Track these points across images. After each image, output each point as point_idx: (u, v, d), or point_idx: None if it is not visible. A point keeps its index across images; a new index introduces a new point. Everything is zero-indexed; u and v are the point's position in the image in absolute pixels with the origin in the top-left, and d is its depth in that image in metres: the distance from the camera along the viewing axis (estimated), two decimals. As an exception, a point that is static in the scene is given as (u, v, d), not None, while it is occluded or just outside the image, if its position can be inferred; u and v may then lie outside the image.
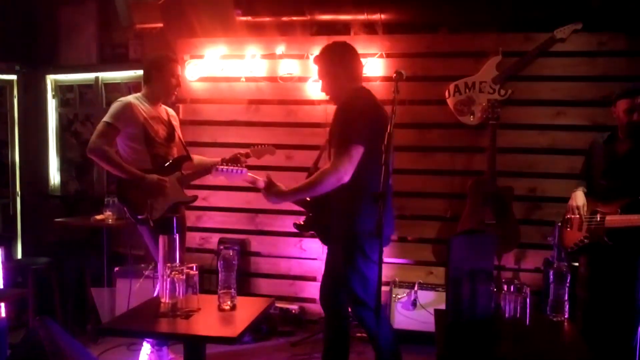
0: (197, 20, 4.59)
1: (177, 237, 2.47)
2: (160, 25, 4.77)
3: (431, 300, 4.06)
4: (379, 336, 2.86)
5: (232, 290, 2.40)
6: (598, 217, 3.13)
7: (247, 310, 2.39)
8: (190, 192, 3.67)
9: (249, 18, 4.57)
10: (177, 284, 2.30)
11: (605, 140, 3.32)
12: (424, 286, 4.15)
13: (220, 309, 2.37)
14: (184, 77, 4.46)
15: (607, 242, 3.08)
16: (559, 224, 3.43)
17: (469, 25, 4.46)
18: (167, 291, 2.35)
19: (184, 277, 2.31)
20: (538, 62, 4.27)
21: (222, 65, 4.69)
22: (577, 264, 3.42)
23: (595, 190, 3.25)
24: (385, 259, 4.44)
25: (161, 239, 2.46)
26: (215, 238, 4.71)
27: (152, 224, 3.26)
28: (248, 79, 4.68)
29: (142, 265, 4.20)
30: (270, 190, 2.84)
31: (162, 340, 3.30)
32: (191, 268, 2.35)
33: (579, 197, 3.25)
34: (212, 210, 4.76)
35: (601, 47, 4.18)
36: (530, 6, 4.23)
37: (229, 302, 2.38)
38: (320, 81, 3.02)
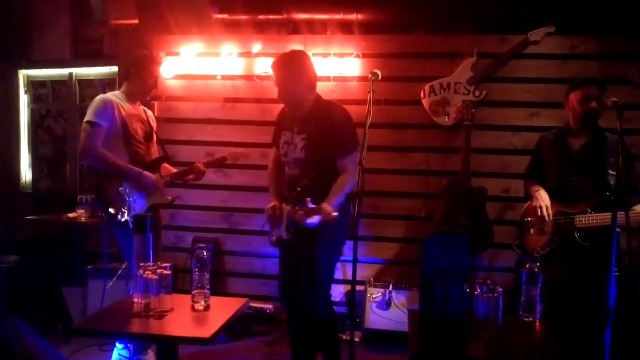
0: (172, 17, 4.54)
1: (150, 236, 2.44)
2: (136, 21, 4.73)
3: (406, 300, 4.09)
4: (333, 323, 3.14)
5: (206, 290, 2.39)
6: (565, 218, 3.12)
7: (220, 310, 2.38)
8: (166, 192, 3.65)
9: (225, 16, 4.54)
10: (150, 284, 2.28)
11: (556, 137, 3.31)
12: (398, 286, 4.17)
13: (194, 309, 2.35)
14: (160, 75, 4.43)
15: (581, 243, 3.05)
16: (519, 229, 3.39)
17: (444, 26, 4.49)
18: (140, 291, 2.33)
19: (157, 276, 2.28)
20: (512, 64, 4.33)
21: (198, 62, 4.65)
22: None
23: (554, 190, 3.21)
24: (360, 258, 4.47)
25: (135, 239, 2.44)
26: (189, 237, 4.68)
27: (131, 225, 3.22)
28: (224, 77, 4.66)
29: (116, 264, 4.14)
30: (327, 211, 2.81)
31: (134, 340, 3.27)
32: (164, 267, 2.32)
33: (545, 197, 3.20)
34: (186, 208, 4.72)
35: (573, 49, 4.26)
36: (505, 8, 4.27)
37: (202, 302, 2.37)
38: (278, 88, 3.05)
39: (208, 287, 2.41)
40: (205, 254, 2.41)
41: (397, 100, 4.45)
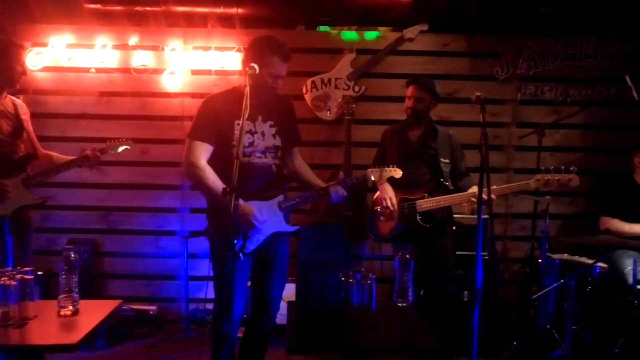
0: (36, 6, 4.23)
1: (9, 239, 2.27)
2: (-5, 8, 4.37)
3: (291, 292, 4.10)
4: None
5: (74, 294, 2.26)
6: (407, 204, 3.37)
7: (90, 314, 2.25)
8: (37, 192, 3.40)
9: (98, 6, 4.31)
10: (8, 291, 2.11)
11: (398, 130, 3.58)
12: (288, 279, 4.17)
13: (60, 315, 2.21)
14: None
15: (423, 225, 3.32)
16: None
17: (324, 21, 4.56)
18: (-3, 299, 2.15)
19: (17, 282, 2.12)
20: (389, 61, 4.50)
21: (69, 54, 4.40)
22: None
23: (399, 179, 3.31)
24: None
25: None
26: (63, 239, 4.41)
27: None
28: (98, 70, 4.44)
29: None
30: None
31: None
32: (25, 272, 2.17)
33: (388, 189, 3.41)
34: (59, 209, 4.45)
35: (445, 47, 4.50)
36: (383, 6, 4.42)
37: (70, 307, 2.23)
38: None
39: (77, 290, 2.28)
40: (73, 255, 2.28)
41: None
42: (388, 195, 3.39)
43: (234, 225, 2.32)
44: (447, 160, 3.42)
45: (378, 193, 3.49)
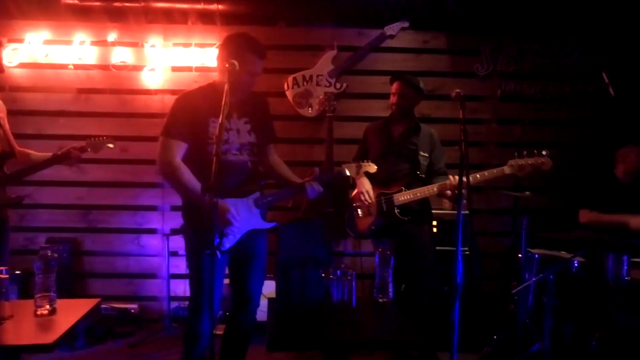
0: (12, 1, 4.16)
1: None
2: (-32, 3, 4.29)
3: (271, 290, 4.10)
4: None
5: (51, 294, 2.23)
6: (385, 198, 3.39)
7: (68, 313, 2.23)
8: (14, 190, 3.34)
9: (76, 1, 4.23)
10: (-18, 291, 2.08)
11: (381, 126, 3.62)
12: (267, 276, 4.16)
13: (37, 315, 2.19)
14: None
15: (401, 218, 3.35)
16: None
17: (305, 18, 4.55)
18: (-29, 299, 2.12)
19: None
20: (371, 57, 4.51)
21: (46, 50, 4.34)
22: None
23: (378, 173, 3.30)
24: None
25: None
26: (42, 238, 4.36)
27: None
28: (77, 67, 4.39)
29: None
30: None
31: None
32: (0, 272, 2.14)
33: (365, 183, 3.45)
34: (38, 207, 4.40)
35: (425, 44, 4.52)
36: (363, 2, 4.42)
37: (47, 307, 2.21)
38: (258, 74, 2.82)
39: (54, 289, 2.25)
40: (50, 254, 2.25)
41: (261, 92, 4.43)
42: (365, 189, 3.42)
43: (211, 223, 2.32)
44: (426, 154, 3.47)
45: (356, 190, 3.50)
